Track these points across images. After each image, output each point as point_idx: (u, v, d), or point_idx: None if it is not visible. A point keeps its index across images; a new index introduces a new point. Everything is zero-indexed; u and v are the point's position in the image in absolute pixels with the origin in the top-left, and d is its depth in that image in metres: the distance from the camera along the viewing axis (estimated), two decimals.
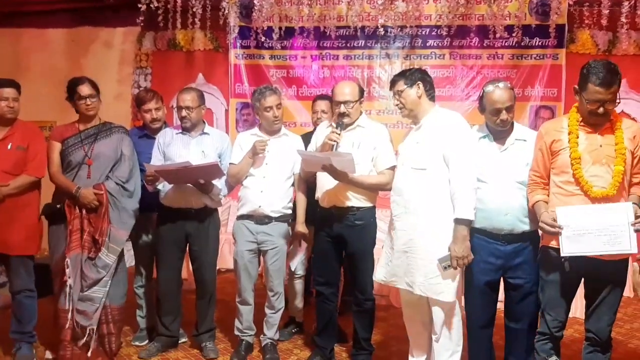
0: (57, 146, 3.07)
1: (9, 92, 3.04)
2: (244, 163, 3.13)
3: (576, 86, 2.34)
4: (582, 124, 2.37)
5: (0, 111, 3.02)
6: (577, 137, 2.35)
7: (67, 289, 2.95)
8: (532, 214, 2.53)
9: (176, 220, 3.19)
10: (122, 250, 3.09)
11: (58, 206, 3.01)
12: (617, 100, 2.28)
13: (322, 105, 3.66)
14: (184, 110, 3.17)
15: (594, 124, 2.34)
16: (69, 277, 2.94)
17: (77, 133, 3.08)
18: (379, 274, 2.81)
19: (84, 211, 2.97)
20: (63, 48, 5.76)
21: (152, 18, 4.86)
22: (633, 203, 2.30)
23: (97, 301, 3.00)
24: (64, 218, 2.97)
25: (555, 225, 2.30)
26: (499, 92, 2.54)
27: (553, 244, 2.40)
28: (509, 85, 2.62)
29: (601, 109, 2.26)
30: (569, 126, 2.39)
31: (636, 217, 2.23)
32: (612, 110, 2.32)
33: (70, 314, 2.95)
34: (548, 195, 2.46)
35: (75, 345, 2.99)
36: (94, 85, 3.10)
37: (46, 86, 5.23)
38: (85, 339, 2.98)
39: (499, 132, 2.61)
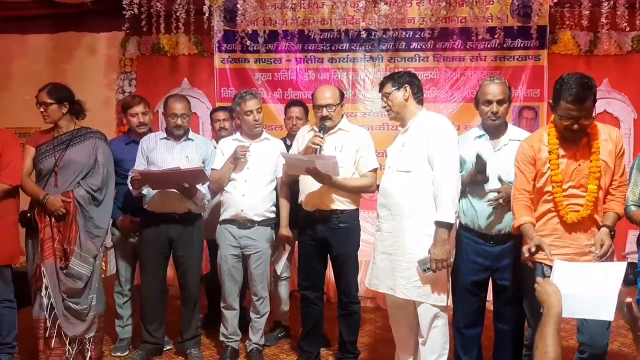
0: (31, 151, 3.03)
1: None
2: (226, 168, 3.12)
3: (550, 101, 2.29)
4: (560, 140, 2.30)
5: None
6: (558, 158, 2.28)
7: (43, 299, 2.92)
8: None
9: (160, 225, 3.17)
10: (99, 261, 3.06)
11: (28, 214, 2.98)
12: (593, 116, 2.22)
13: (296, 111, 3.69)
14: (179, 118, 3.16)
15: (571, 138, 2.27)
16: (47, 287, 2.90)
17: (51, 139, 3.04)
18: (367, 279, 2.82)
19: (52, 219, 2.93)
20: (46, 54, 5.70)
21: (136, 23, 4.83)
22: (605, 225, 2.25)
23: (84, 316, 2.98)
24: (37, 226, 2.94)
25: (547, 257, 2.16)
26: (492, 85, 2.64)
27: (535, 257, 2.33)
28: (505, 81, 2.71)
29: (575, 126, 2.19)
30: (549, 144, 2.31)
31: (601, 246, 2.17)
32: (588, 126, 2.24)
33: (46, 323, 2.92)
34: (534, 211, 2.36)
35: (52, 355, 2.96)
36: (53, 92, 2.98)
37: (29, 92, 5.14)
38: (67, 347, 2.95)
39: (493, 129, 2.63)
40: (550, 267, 2.07)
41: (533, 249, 2.17)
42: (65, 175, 2.97)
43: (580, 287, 1.89)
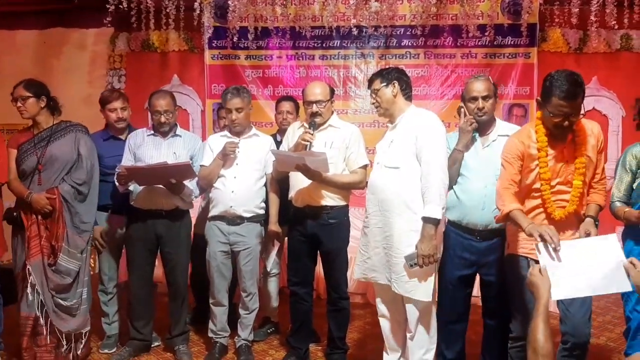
0: (13, 153, 3.00)
1: None
2: (215, 165, 3.11)
3: (539, 98, 2.30)
4: (548, 137, 2.31)
5: None
6: (546, 155, 2.30)
7: (29, 297, 2.90)
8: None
9: (146, 221, 3.15)
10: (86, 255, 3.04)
11: (15, 213, 2.96)
12: (582, 113, 2.24)
13: (287, 106, 3.67)
14: (163, 115, 3.13)
15: (558, 135, 2.30)
16: (34, 284, 2.89)
17: (31, 138, 3.00)
18: (357, 273, 2.81)
19: (39, 217, 2.91)
20: (34, 50, 5.64)
21: (126, 19, 4.80)
22: (589, 216, 2.31)
23: (74, 310, 2.97)
24: (23, 224, 2.91)
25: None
26: (476, 82, 2.68)
27: (519, 252, 2.41)
28: (489, 78, 2.76)
29: (566, 122, 2.21)
30: (537, 141, 2.32)
31: (586, 234, 2.21)
32: (577, 122, 2.27)
33: (34, 320, 2.92)
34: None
35: (41, 351, 2.94)
36: (30, 86, 2.96)
37: None
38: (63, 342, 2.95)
39: (481, 125, 2.65)
40: (536, 261, 2.08)
41: (538, 239, 2.08)
42: (49, 171, 2.95)
43: (583, 265, 1.93)
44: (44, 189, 2.92)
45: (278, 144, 3.38)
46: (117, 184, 3.08)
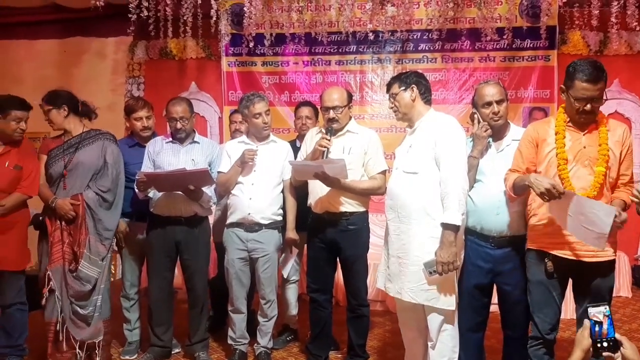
0: (43, 159, 3.06)
1: (24, 114, 3.02)
2: (233, 172, 3.11)
3: (562, 85, 2.34)
4: (568, 124, 2.36)
5: (10, 132, 3.00)
6: (564, 138, 2.34)
7: (52, 302, 2.93)
8: (522, 217, 2.52)
9: (166, 228, 3.16)
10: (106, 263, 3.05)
11: (40, 218, 3.00)
12: (604, 98, 2.27)
13: (306, 111, 3.66)
14: (179, 122, 3.15)
15: (581, 122, 2.33)
16: (56, 290, 2.92)
17: (61, 144, 3.06)
18: (380, 282, 2.78)
19: (63, 223, 2.94)
20: (54, 59, 5.75)
21: (144, 27, 4.85)
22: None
23: (90, 318, 2.98)
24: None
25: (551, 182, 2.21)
26: (487, 87, 2.65)
27: (536, 245, 2.42)
28: (499, 81, 2.75)
29: (588, 106, 2.24)
30: (556, 126, 2.37)
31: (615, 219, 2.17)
32: (598, 109, 2.30)
33: (55, 326, 2.94)
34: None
35: (62, 358, 2.96)
36: (49, 98, 3.04)
37: (38, 98, 5.18)
38: (77, 350, 2.96)
39: (496, 130, 2.62)
40: (556, 257, 2.30)
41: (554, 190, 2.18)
42: (74, 177, 2.98)
43: (582, 216, 2.16)
44: (70, 194, 2.96)
45: (297, 149, 3.36)
46: (136, 190, 3.10)
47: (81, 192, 2.97)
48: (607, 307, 1.57)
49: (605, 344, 1.53)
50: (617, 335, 1.55)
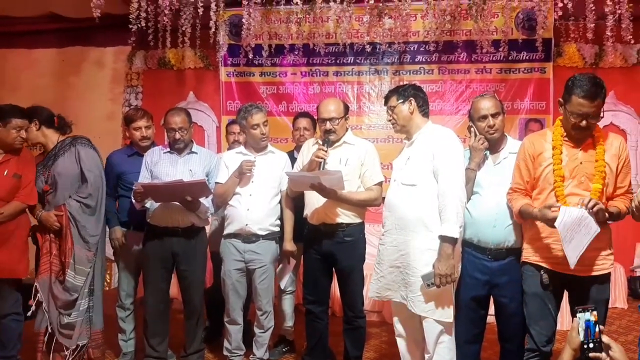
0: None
1: (23, 122, 3.00)
2: (230, 183, 3.12)
3: (560, 99, 2.34)
4: (565, 138, 2.36)
5: (10, 140, 2.99)
6: (561, 153, 2.33)
7: (41, 313, 2.94)
8: (519, 229, 2.53)
9: (163, 239, 3.16)
10: (96, 273, 3.05)
11: (31, 232, 3.03)
12: (601, 115, 2.27)
13: (304, 122, 3.67)
14: (177, 132, 3.15)
15: (577, 138, 2.33)
16: (42, 302, 2.92)
17: (42, 160, 3.09)
18: (372, 291, 2.79)
19: (51, 234, 2.97)
20: (53, 68, 5.76)
21: (143, 37, 4.88)
22: (608, 211, 2.27)
23: (75, 324, 2.97)
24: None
25: (553, 205, 2.24)
26: (483, 100, 2.67)
27: (532, 258, 2.42)
28: (494, 95, 2.78)
29: (584, 122, 2.24)
30: (553, 140, 2.37)
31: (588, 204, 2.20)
32: (595, 125, 2.30)
33: (44, 336, 2.95)
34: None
35: None
36: (25, 115, 3.00)
37: None
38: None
39: (493, 143, 2.64)
40: (551, 271, 2.30)
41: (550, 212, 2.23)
42: (57, 190, 3.01)
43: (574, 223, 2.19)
44: (53, 207, 2.99)
45: (295, 160, 3.37)
46: (133, 201, 3.10)
47: (64, 203, 2.98)
48: (595, 311, 1.66)
49: (591, 345, 1.62)
50: (604, 338, 1.63)
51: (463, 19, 4.99)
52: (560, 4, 4.13)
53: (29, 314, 2.99)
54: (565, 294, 2.46)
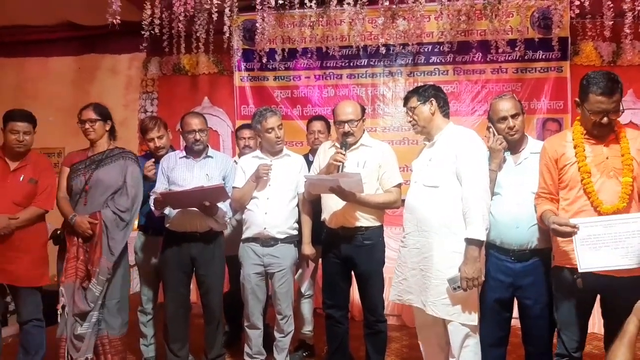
0: (66, 171, 3.08)
1: (20, 126, 3.03)
2: (248, 187, 3.11)
3: (577, 99, 2.31)
4: (586, 136, 2.33)
5: (9, 144, 3.03)
6: (584, 150, 2.30)
7: (64, 318, 2.94)
8: (542, 230, 2.49)
9: (181, 244, 3.16)
10: (117, 280, 3.04)
11: (58, 232, 3.02)
12: (621, 110, 2.24)
13: (318, 125, 3.67)
14: (197, 133, 3.16)
15: (598, 135, 2.30)
16: (65, 306, 2.92)
17: (85, 159, 3.08)
18: (393, 294, 2.76)
19: (79, 239, 2.96)
20: (69, 75, 5.81)
21: (157, 44, 4.90)
22: None
23: (87, 337, 2.95)
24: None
25: (569, 224, 2.19)
26: (502, 101, 2.64)
27: (566, 263, 2.36)
28: (513, 95, 2.73)
29: (605, 119, 2.21)
30: (574, 140, 2.34)
31: None
32: (616, 120, 2.27)
33: (65, 342, 2.95)
34: (557, 209, 2.40)
35: None
36: (98, 110, 3.08)
37: (53, 113, 5.27)
38: None
39: (513, 143, 2.61)
40: (585, 273, 2.20)
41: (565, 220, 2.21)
42: (94, 194, 3.00)
43: (604, 235, 2.15)
44: (89, 210, 2.97)
45: (310, 164, 3.36)
46: (152, 208, 3.11)
47: (99, 210, 2.97)
48: None
49: None
50: None
51: (478, 19, 4.93)
52: (577, 2, 4.07)
53: (58, 318, 2.98)
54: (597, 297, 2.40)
